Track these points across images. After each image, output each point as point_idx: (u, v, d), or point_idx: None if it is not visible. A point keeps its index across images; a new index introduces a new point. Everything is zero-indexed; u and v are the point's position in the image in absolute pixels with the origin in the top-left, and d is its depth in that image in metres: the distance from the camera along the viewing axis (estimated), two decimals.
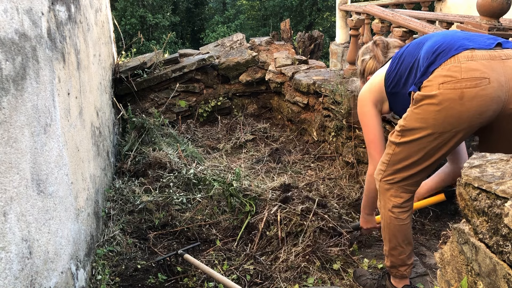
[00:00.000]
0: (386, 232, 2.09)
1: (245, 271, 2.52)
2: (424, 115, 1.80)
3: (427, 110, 1.78)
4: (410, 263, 2.14)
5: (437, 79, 1.73)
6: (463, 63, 1.69)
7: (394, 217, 2.02)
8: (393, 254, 2.11)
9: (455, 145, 1.84)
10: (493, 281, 1.00)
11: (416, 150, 1.88)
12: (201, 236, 2.91)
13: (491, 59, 1.69)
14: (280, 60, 4.91)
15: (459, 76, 1.68)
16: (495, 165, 1.10)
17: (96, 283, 2.40)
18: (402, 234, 2.06)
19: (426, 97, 1.77)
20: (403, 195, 2.00)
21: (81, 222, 2.34)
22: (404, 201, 2.00)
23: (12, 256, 1.46)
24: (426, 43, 1.89)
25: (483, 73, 1.67)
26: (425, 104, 1.78)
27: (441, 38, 1.85)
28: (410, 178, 1.97)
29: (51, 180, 1.87)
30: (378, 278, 2.31)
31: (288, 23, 6.68)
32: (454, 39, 1.80)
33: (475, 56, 1.69)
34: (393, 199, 2.01)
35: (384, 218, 2.08)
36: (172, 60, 4.88)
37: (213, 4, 24.90)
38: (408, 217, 2.04)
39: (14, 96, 1.54)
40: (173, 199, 3.25)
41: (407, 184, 1.99)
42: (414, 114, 1.84)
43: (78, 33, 2.68)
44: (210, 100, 5.05)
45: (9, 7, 1.55)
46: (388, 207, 2.03)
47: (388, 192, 2.02)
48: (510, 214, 0.93)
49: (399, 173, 1.97)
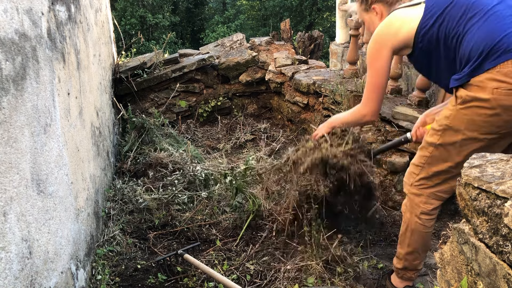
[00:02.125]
0: (408, 236, 2.03)
1: (245, 271, 2.52)
2: (473, 117, 1.69)
3: (478, 113, 1.68)
4: (420, 268, 2.13)
5: (491, 83, 1.62)
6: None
7: (420, 223, 1.96)
8: (407, 258, 2.08)
9: (498, 149, 1.75)
10: (493, 281, 1.00)
11: (457, 152, 1.78)
12: (201, 236, 2.91)
13: None
14: (280, 60, 4.91)
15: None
16: (495, 165, 1.10)
17: (96, 283, 2.40)
18: (424, 241, 2.02)
19: (477, 100, 1.66)
20: (433, 202, 1.92)
21: (81, 222, 2.34)
22: (434, 208, 1.93)
23: (12, 256, 1.46)
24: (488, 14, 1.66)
25: None
26: (475, 106, 1.68)
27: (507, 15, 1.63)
28: (444, 183, 1.87)
29: (51, 180, 1.86)
30: (378, 277, 2.31)
31: (288, 23, 6.68)
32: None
33: None
34: (423, 206, 1.93)
35: (408, 222, 2.00)
36: (172, 60, 4.88)
37: (213, 4, 24.89)
38: (432, 225, 1.99)
39: (14, 96, 1.54)
40: (176, 196, 3.24)
41: (440, 191, 1.90)
42: (461, 115, 1.73)
43: (78, 33, 2.67)
44: (210, 100, 5.05)
45: (9, 7, 1.55)
46: (416, 213, 1.95)
47: (418, 198, 1.94)
48: (510, 214, 0.93)
49: (434, 177, 1.87)
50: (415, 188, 1.94)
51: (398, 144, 2.43)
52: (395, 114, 3.10)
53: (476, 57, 1.65)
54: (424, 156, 1.88)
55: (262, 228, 2.89)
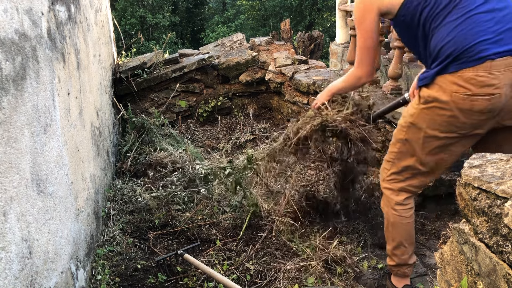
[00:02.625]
0: (390, 231, 2.10)
1: (245, 271, 2.52)
2: (434, 116, 1.80)
3: (438, 113, 1.78)
4: (412, 263, 2.14)
5: (452, 86, 1.71)
6: (480, 77, 1.67)
7: (397, 215, 2.03)
8: (396, 253, 2.12)
9: (460, 148, 1.85)
10: (493, 281, 1.00)
11: (420, 148, 1.88)
12: (201, 236, 2.91)
13: (506, 69, 1.66)
14: (280, 60, 4.91)
15: (474, 90, 1.68)
16: (495, 165, 1.10)
17: (96, 283, 2.40)
18: (406, 233, 2.06)
19: (437, 101, 1.76)
20: (404, 194, 2.00)
21: (81, 222, 2.34)
22: (406, 198, 2.01)
23: (12, 256, 1.45)
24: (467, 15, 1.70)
25: (496, 88, 1.67)
26: (435, 107, 1.78)
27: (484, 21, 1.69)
28: (414, 178, 1.96)
29: (51, 180, 1.86)
30: (378, 277, 2.32)
31: (288, 23, 6.68)
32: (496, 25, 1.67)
33: (494, 67, 1.66)
34: (395, 197, 2.02)
35: (387, 217, 2.09)
36: (172, 60, 4.88)
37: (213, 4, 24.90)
38: (411, 216, 2.05)
39: (14, 96, 1.54)
40: (176, 195, 3.24)
41: (410, 185, 1.99)
42: (423, 114, 1.83)
43: (78, 33, 2.67)
44: (210, 100, 5.05)
45: (9, 7, 1.55)
46: (391, 205, 2.04)
47: (390, 191, 2.04)
48: (510, 214, 0.93)
49: (404, 172, 1.96)
50: (387, 183, 2.04)
51: (397, 105, 2.46)
52: (395, 113, 3.10)
53: (444, 58, 1.73)
54: (394, 152, 1.99)
55: (262, 228, 2.90)
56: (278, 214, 2.93)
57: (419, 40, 1.88)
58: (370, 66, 2.07)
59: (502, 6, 1.71)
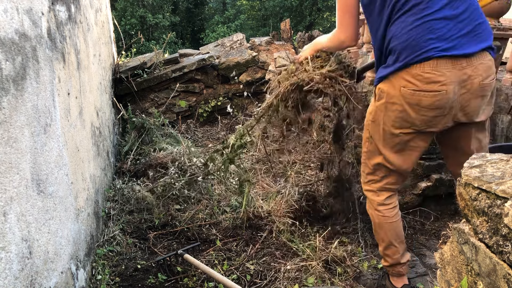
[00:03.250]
0: (378, 232, 2.13)
1: (245, 271, 2.52)
2: (387, 112, 1.86)
3: (390, 108, 1.84)
4: (404, 262, 2.15)
5: (400, 81, 1.76)
6: (427, 73, 1.71)
7: (381, 215, 2.07)
8: (387, 254, 2.14)
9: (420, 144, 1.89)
10: (493, 281, 1.00)
11: (382, 145, 1.93)
12: (201, 236, 2.91)
13: (453, 67, 1.70)
14: (280, 60, 4.91)
15: (420, 86, 1.73)
16: (495, 165, 1.10)
17: (96, 283, 2.40)
18: (393, 232, 2.09)
19: (388, 96, 1.82)
20: (384, 193, 2.04)
21: (81, 222, 2.34)
22: (387, 197, 2.04)
23: (12, 256, 1.46)
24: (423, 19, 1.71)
25: (442, 85, 1.70)
26: (387, 103, 1.84)
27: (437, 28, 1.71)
28: (388, 176, 2.01)
29: (51, 180, 1.87)
30: (378, 277, 2.32)
31: (288, 23, 6.68)
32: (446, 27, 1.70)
33: (440, 64, 1.69)
34: (376, 198, 2.06)
35: (373, 218, 2.12)
36: (172, 60, 4.88)
37: (213, 4, 24.90)
38: (396, 215, 2.08)
39: (14, 96, 1.54)
40: (174, 187, 3.24)
41: (388, 183, 2.03)
42: (379, 110, 1.89)
43: (78, 33, 2.68)
44: (210, 100, 5.05)
45: (9, 7, 1.55)
46: (374, 207, 2.07)
47: (370, 193, 2.08)
48: (510, 214, 0.93)
49: (377, 171, 2.01)
50: (367, 185, 2.09)
51: None
52: None
53: (396, 55, 1.76)
54: (364, 152, 2.04)
55: (262, 228, 2.90)
56: (278, 214, 2.93)
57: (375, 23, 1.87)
58: (352, 29, 1.99)
59: (460, 11, 1.70)
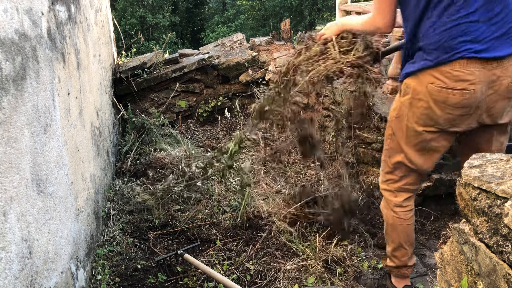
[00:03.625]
0: (389, 233, 2.10)
1: (245, 271, 2.52)
2: (412, 109, 1.83)
3: (416, 105, 1.81)
4: (411, 265, 2.14)
5: (428, 78, 1.75)
6: (456, 71, 1.69)
7: (396, 217, 2.03)
8: (396, 255, 2.11)
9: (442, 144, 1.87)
10: (493, 281, 1.00)
11: (404, 142, 1.90)
12: (201, 236, 2.90)
13: (483, 67, 1.68)
14: (280, 60, 4.91)
15: (448, 83, 1.71)
16: (495, 165, 1.10)
17: (96, 283, 2.40)
18: (405, 235, 2.06)
19: (414, 91, 1.80)
20: (402, 194, 2.01)
21: (81, 222, 2.34)
22: (405, 199, 2.01)
23: (12, 256, 1.45)
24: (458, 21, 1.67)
25: (470, 84, 1.69)
26: (413, 98, 1.81)
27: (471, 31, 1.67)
28: (407, 177, 1.98)
29: (51, 180, 1.86)
30: (378, 277, 2.32)
31: (288, 23, 6.67)
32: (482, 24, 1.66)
33: (470, 64, 1.68)
34: (393, 199, 2.02)
35: (386, 219, 2.09)
36: (172, 60, 4.88)
37: (213, 4, 24.90)
38: (411, 218, 2.05)
39: (14, 96, 1.54)
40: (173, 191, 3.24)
41: (406, 184, 2.00)
42: (403, 106, 1.87)
43: (78, 33, 2.67)
44: (210, 100, 5.04)
45: (9, 7, 1.55)
46: (390, 207, 2.04)
47: (388, 193, 2.05)
48: (510, 214, 0.93)
49: (396, 171, 1.98)
50: (385, 184, 2.06)
51: None
52: None
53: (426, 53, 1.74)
54: (385, 150, 2.01)
55: (262, 228, 2.90)
56: (278, 214, 2.93)
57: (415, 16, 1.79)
58: (391, 16, 1.90)
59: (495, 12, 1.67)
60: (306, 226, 2.81)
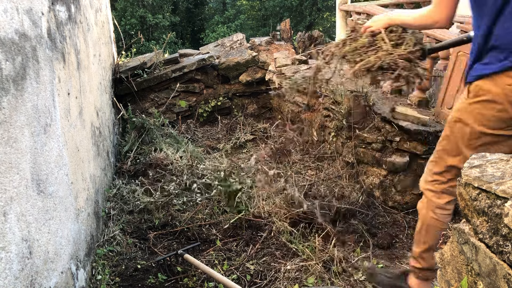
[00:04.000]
0: (423, 233, 2.05)
1: (246, 271, 2.51)
2: (482, 110, 1.74)
3: (487, 107, 1.72)
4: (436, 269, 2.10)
5: (506, 80, 1.65)
6: None
7: (435, 218, 1.98)
8: (424, 257, 2.07)
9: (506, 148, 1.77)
10: (493, 281, 1.00)
11: (465, 145, 1.82)
12: (201, 236, 2.90)
13: None
14: (280, 60, 4.91)
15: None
16: (495, 165, 1.10)
17: (96, 283, 2.40)
18: (438, 237, 2.02)
19: (489, 93, 1.70)
20: (446, 196, 1.95)
21: (81, 222, 2.34)
22: (447, 201, 1.96)
23: (12, 256, 1.45)
24: None
25: None
26: (485, 101, 1.72)
27: None
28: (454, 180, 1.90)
29: (51, 180, 1.86)
30: (393, 277, 2.28)
31: (288, 23, 6.68)
32: None
33: None
34: (436, 200, 1.96)
35: (424, 219, 2.03)
36: (172, 60, 4.88)
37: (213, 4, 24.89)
38: (448, 222, 2.00)
39: (14, 96, 1.54)
40: (172, 199, 3.25)
41: (453, 186, 1.93)
42: (471, 108, 1.77)
43: (78, 33, 2.67)
44: (210, 100, 5.04)
45: (9, 7, 1.55)
46: (431, 208, 1.98)
47: (431, 193, 1.98)
48: (510, 214, 0.93)
49: (446, 173, 1.92)
50: (430, 184, 1.98)
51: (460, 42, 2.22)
52: (395, 114, 3.10)
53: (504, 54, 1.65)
54: (438, 150, 1.93)
55: (262, 228, 2.90)
56: (278, 214, 2.93)
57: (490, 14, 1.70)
58: (450, 10, 1.85)
59: None
60: (306, 226, 2.81)
